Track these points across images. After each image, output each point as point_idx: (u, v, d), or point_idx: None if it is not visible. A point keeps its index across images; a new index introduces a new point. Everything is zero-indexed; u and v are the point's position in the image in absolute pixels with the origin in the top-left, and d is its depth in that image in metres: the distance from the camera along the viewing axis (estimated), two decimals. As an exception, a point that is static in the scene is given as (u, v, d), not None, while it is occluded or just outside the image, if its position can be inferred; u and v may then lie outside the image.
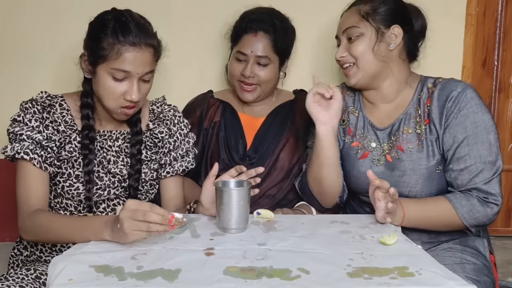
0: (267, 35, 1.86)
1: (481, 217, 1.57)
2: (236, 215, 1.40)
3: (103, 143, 1.63)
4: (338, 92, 1.63)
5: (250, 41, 1.86)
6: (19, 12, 2.11)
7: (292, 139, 1.93)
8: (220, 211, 1.41)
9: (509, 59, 2.28)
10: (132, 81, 1.51)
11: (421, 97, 1.67)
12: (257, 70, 1.87)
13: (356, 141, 1.73)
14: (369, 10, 1.67)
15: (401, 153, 1.65)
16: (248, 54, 1.86)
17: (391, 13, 1.67)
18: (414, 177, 1.63)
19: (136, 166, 1.64)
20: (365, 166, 1.68)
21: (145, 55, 1.51)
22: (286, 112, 1.98)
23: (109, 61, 1.49)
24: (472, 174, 1.57)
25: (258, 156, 1.90)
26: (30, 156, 1.52)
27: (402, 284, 1.09)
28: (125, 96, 1.52)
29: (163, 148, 1.70)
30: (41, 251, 1.64)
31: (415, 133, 1.65)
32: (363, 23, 1.67)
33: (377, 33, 1.66)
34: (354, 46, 1.67)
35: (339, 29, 1.73)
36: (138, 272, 1.14)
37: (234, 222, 1.40)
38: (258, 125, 1.95)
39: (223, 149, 1.92)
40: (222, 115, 1.96)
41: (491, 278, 1.58)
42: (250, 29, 1.87)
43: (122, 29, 1.49)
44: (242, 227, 1.42)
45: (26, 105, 1.56)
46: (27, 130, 1.53)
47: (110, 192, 1.62)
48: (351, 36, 1.68)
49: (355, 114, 1.76)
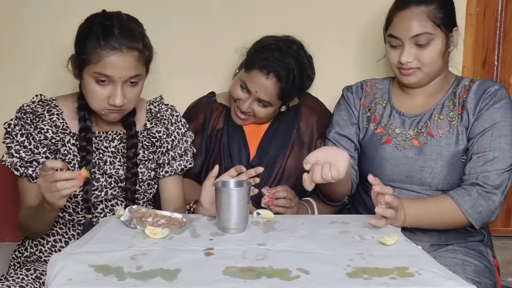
0: (278, 81, 1.78)
1: (484, 211, 1.57)
2: (236, 215, 1.40)
3: (99, 144, 1.64)
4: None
5: (259, 80, 1.78)
6: (19, 12, 2.10)
7: (297, 146, 1.91)
8: (219, 211, 1.41)
9: (509, 59, 2.27)
10: (116, 86, 1.50)
11: (456, 91, 1.71)
12: (255, 107, 1.83)
13: (380, 128, 1.75)
14: (437, 13, 1.62)
15: (430, 138, 1.67)
16: (252, 92, 1.80)
17: (452, 16, 1.68)
18: (439, 163, 1.64)
19: (132, 170, 1.64)
20: (389, 151, 1.70)
21: (128, 59, 1.49)
22: (291, 118, 1.94)
23: (92, 65, 1.49)
24: (487, 161, 1.59)
25: (263, 166, 1.86)
26: (20, 172, 1.58)
27: (401, 284, 1.09)
28: (109, 101, 1.51)
29: (160, 148, 1.69)
30: (41, 251, 1.64)
31: (447, 119, 1.67)
32: (434, 29, 1.62)
33: (446, 38, 1.65)
34: (426, 53, 1.63)
35: (402, 31, 1.64)
36: (138, 272, 1.14)
37: (234, 222, 1.40)
38: (261, 133, 1.92)
39: (225, 158, 1.90)
40: (225, 122, 1.93)
41: (492, 280, 1.58)
42: (263, 68, 1.77)
43: (104, 33, 1.48)
44: (241, 227, 1.41)
45: (17, 114, 1.60)
46: (16, 145, 1.58)
47: (107, 193, 1.62)
48: (420, 42, 1.62)
49: (383, 104, 1.78)
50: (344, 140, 1.80)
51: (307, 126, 1.93)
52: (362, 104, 1.80)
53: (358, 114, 1.80)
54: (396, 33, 1.66)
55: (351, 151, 1.79)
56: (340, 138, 1.80)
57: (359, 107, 1.81)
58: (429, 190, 1.67)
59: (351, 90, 1.83)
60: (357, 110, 1.81)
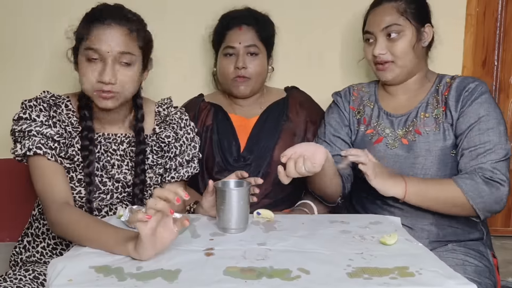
0: (250, 27, 1.92)
1: (487, 197, 1.58)
2: (236, 215, 1.40)
3: (107, 146, 1.61)
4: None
5: (236, 34, 1.91)
6: (19, 12, 2.10)
7: (287, 137, 1.93)
8: (220, 211, 1.41)
9: (509, 59, 2.28)
10: (106, 62, 1.49)
11: (439, 88, 1.74)
12: (248, 62, 1.90)
13: (370, 128, 1.79)
14: (407, 8, 1.70)
15: (418, 136, 1.70)
16: (236, 47, 1.90)
17: (424, 12, 1.75)
18: (429, 158, 1.67)
19: (140, 176, 1.61)
20: (380, 150, 1.73)
21: (116, 32, 1.50)
22: (280, 110, 1.98)
23: (83, 42, 1.51)
24: (480, 154, 1.61)
25: (253, 157, 1.90)
26: (43, 151, 1.48)
27: (402, 284, 1.09)
28: (99, 78, 1.49)
29: (169, 153, 1.67)
30: (42, 254, 1.63)
31: (432, 117, 1.71)
32: (404, 21, 1.70)
33: (417, 31, 1.71)
34: (396, 45, 1.70)
35: (375, 25, 1.73)
36: (138, 272, 1.14)
37: (234, 222, 1.40)
38: (250, 126, 1.95)
39: (217, 152, 1.92)
40: (214, 118, 1.96)
41: (492, 280, 1.58)
42: (233, 25, 1.92)
43: (95, 11, 1.54)
44: (242, 227, 1.42)
45: (30, 103, 1.53)
46: (35, 126, 1.50)
47: (113, 196, 1.61)
48: (391, 34, 1.70)
49: (371, 106, 1.83)
50: (338, 141, 1.83)
51: (297, 118, 1.96)
52: (351, 107, 1.85)
53: (349, 116, 1.85)
54: (369, 29, 1.75)
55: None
56: (334, 139, 1.83)
57: (349, 110, 1.85)
58: None
59: (340, 95, 1.89)
60: (347, 113, 1.85)
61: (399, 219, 1.54)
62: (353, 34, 2.12)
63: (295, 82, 2.09)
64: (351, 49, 2.15)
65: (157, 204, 1.16)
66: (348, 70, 2.18)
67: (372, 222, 1.49)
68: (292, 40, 2.17)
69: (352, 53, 2.15)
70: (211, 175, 1.91)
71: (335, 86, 1.96)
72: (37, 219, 1.67)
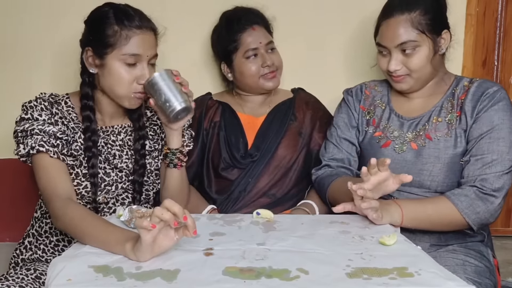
0: (260, 24, 1.94)
1: (482, 212, 1.56)
2: (171, 94, 1.49)
3: (106, 138, 1.63)
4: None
5: (252, 35, 1.91)
6: (19, 12, 2.11)
7: (292, 136, 1.94)
8: (160, 104, 1.50)
9: (509, 59, 2.27)
10: (143, 65, 1.55)
11: (455, 92, 1.71)
12: (272, 57, 1.94)
13: (379, 131, 1.76)
14: (421, 20, 1.62)
15: (428, 141, 1.67)
16: (258, 47, 1.91)
17: (440, 20, 1.68)
18: (438, 165, 1.64)
19: (140, 161, 1.65)
20: (387, 154, 1.70)
21: (150, 37, 1.57)
22: (286, 110, 1.99)
23: (119, 48, 1.52)
24: (485, 164, 1.59)
25: (260, 154, 1.91)
26: (46, 148, 1.49)
27: (401, 284, 1.09)
28: (138, 81, 1.54)
29: (162, 134, 1.70)
30: (44, 251, 1.64)
31: (445, 122, 1.68)
32: (419, 36, 1.63)
33: (433, 43, 1.65)
34: (412, 60, 1.64)
35: (387, 40, 1.66)
36: (137, 272, 1.14)
37: (175, 101, 1.49)
38: (258, 124, 1.96)
39: (224, 148, 1.92)
40: (221, 115, 1.97)
41: (493, 281, 1.58)
42: (247, 25, 1.92)
43: (125, 15, 1.54)
44: (186, 105, 1.51)
45: (30, 104, 1.54)
46: (37, 125, 1.51)
47: (118, 187, 1.63)
48: (406, 50, 1.64)
49: (382, 107, 1.80)
50: (345, 143, 1.81)
51: (303, 118, 1.97)
52: (361, 107, 1.83)
53: (358, 117, 1.82)
54: (383, 42, 1.69)
55: (352, 154, 1.81)
56: (341, 141, 1.82)
57: (359, 110, 1.82)
58: (428, 192, 1.67)
59: (351, 93, 1.86)
60: (356, 113, 1.83)
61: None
62: (361, 37, 2.09)
63: (300, 84, 2.09)
64: (358, 50, 2.13)
65: (164, 214, 1.15)
66: (355, 71, 2.15)
67: (372, 223, 1.49)
68: (296, 42, 2.17)
69: (358, 54, 2.13)
70: (216, 172, 1.91)
71: (340, 87, 1.94)
72: (39, 220, 1.68)
